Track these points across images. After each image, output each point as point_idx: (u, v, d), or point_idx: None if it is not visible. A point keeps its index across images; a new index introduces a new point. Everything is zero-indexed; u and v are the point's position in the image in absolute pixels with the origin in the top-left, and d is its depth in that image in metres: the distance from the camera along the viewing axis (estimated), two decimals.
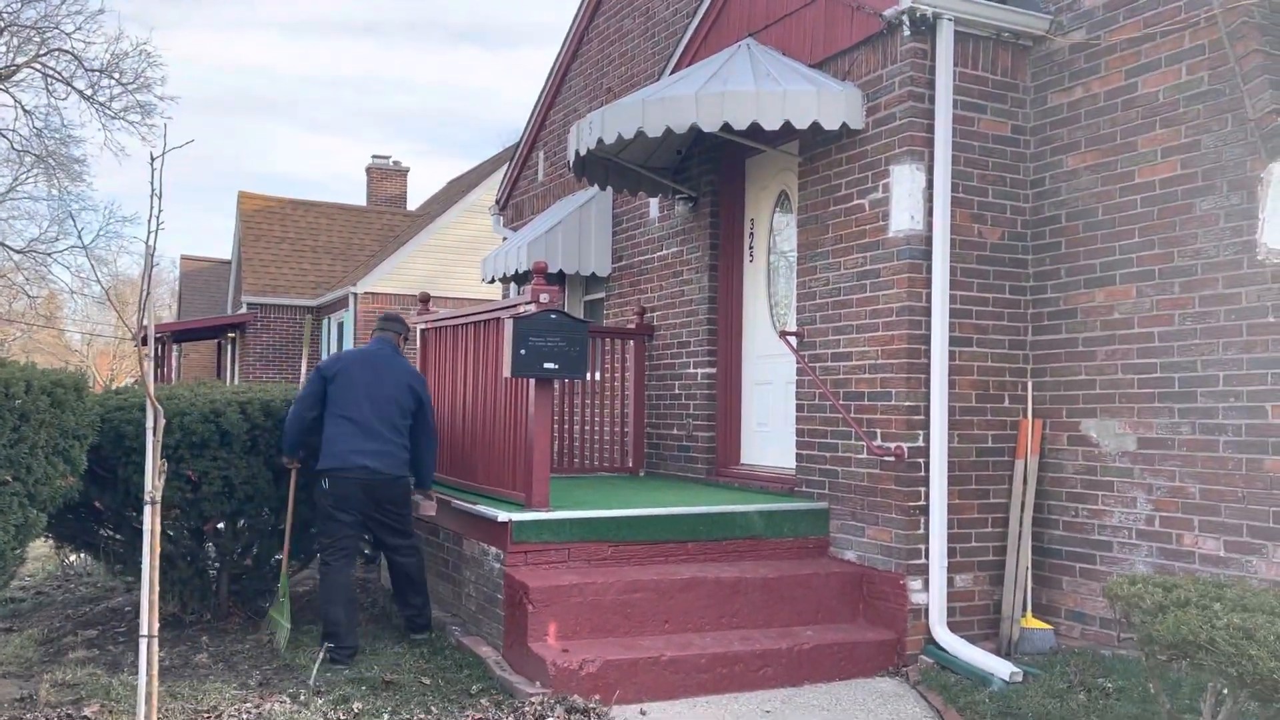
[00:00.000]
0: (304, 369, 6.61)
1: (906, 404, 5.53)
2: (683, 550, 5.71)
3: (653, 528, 5.66)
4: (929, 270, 5.57)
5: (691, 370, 7.51)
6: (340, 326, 22.08)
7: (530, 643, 4.98)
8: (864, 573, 5.71)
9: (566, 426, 7.97)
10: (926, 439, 5.52)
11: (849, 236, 5.97)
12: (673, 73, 7.42)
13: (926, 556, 5.48)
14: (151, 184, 3.18)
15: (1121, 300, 5.38)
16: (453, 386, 6.74)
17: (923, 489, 5.51)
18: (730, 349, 7.35)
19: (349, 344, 21.24)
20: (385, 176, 28.44)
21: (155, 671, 3.17)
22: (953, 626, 5.47)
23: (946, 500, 5.51)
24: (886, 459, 5.57)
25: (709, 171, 7.44)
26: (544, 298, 5.61)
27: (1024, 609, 5.61)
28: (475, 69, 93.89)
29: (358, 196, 35.69)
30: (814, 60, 6.27)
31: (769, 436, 7.01)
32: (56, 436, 4.83)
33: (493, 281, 9.93)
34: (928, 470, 5.51)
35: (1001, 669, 4.99)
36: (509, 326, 5.53)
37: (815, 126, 5.90)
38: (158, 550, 3.19)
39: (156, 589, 3.20)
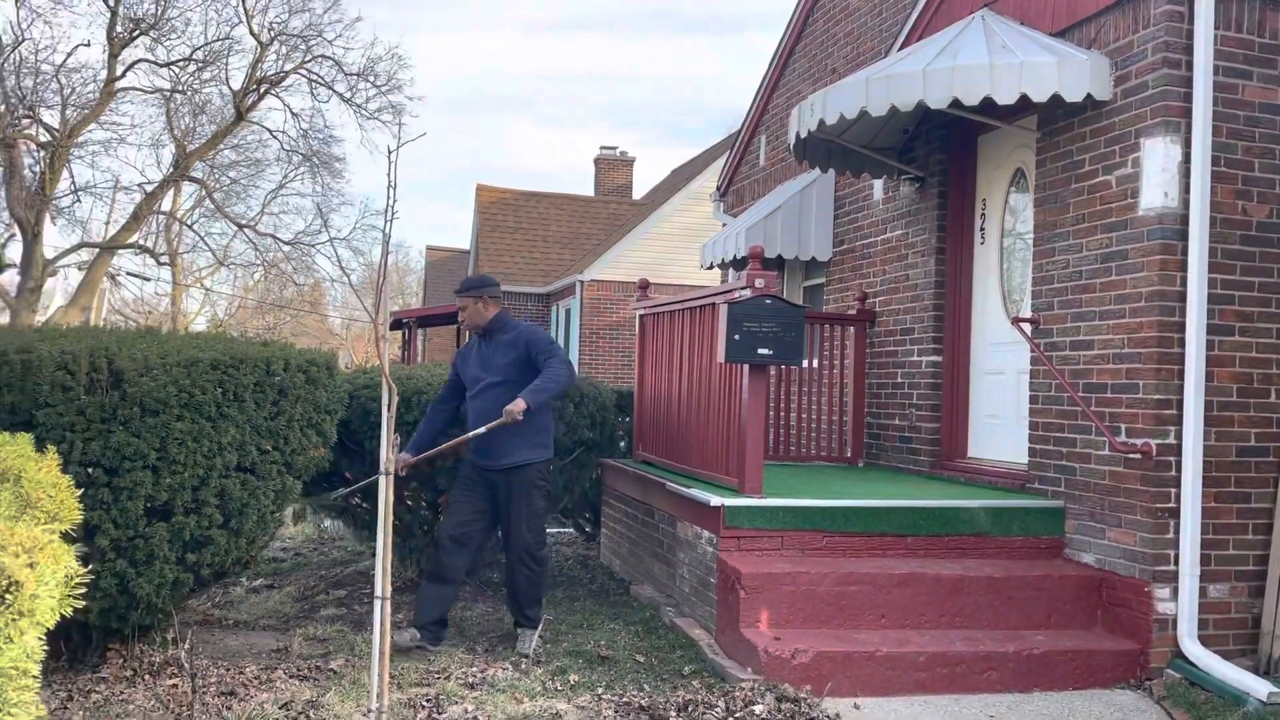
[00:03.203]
0: None
1: (1156, 397, 5.09)
2: (901, 544, 5.53)
3: (869, 520, 5.50)
4: (1184, 252, 5.09)
5: (915, 358, 7.24)
6: (568, 313, 22.86)
7: (742, 628, 4.97)
8: (1103, 577, 5.32)
9: (782, 413, 7.89)
10: (1178, 435, 5.06)
11: (1092, 216, 5.56)
12: (900, 49, 7.15)
13: (1176, 563, 5.03)
14: (388, 176, 3.38)
15: None
16: (668, 371, 6.82)
17: (1173, 490, 5.06)
18: (957, 336, 7.03)
19: (575, 330, 21.96)
20: (612, 167, 29.18)
21: (388, 629, 3.39)
22: (1203, 640, 5.00)
23: (1200, 503, 5.03)
24: (1131, 456, 5.15)
25: (937, 150, 7.13)
26: (759, 283, 5.55)
27: None
28: (703, 56, 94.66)
29: (586, 187, 36.85)
30: (1055, 29, 5.86)
31: (999, 429, 6.65)
32: (310, 410, 5.26)
33: (711, 267, 9.95)
34: (1179, 470, 5.05)
35: (1259, 688, 4.51)
36: (723, 312, 5.52)
37: (1055, 99, 5.52)
38: (390, 518, 3.41)
39: (390, 554, 3.41)
